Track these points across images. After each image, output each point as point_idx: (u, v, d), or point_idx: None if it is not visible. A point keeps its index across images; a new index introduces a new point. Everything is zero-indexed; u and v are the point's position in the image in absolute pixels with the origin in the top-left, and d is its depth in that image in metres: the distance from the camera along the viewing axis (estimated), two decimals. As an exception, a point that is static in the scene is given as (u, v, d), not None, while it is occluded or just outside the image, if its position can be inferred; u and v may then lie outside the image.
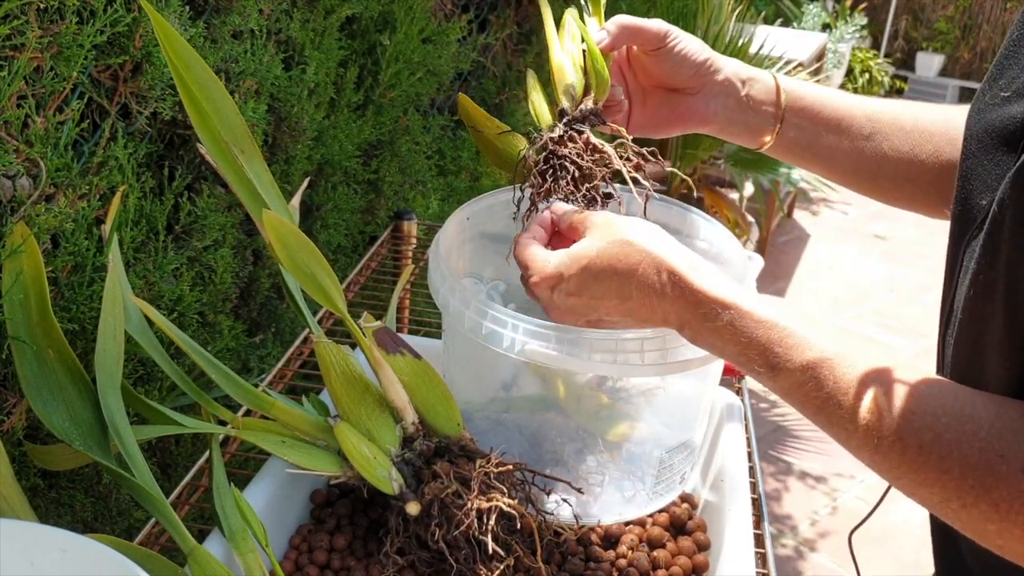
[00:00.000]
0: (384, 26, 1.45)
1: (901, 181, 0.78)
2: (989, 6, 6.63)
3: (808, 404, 0.56)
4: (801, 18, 5.67)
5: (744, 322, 0.58)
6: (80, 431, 0.74)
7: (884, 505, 0.75)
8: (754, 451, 0.94)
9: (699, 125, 0.81)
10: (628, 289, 0.63)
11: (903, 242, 4.36)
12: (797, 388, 0.56)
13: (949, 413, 0.51)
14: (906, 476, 0.52)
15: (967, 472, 0.49)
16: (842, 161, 0.80)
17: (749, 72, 0.80)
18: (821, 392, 0.55)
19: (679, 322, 0.62)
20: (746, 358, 0.58)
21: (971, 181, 0.57)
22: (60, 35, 0.80)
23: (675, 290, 0.61)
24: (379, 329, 0.78)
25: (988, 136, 0.55)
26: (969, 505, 0.49)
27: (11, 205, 0.79)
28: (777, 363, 0.56)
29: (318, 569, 0.79)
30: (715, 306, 0.59)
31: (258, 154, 0.79)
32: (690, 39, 0.77)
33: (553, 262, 0.66)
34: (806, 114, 0.79)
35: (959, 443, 0.49)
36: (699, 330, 0.61)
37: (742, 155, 3.26)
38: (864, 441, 0.53)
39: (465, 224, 0.90)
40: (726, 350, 0.60)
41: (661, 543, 0.83)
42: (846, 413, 0.53)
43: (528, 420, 0.83)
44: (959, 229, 0.59)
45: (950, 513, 0.51)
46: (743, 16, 3.11)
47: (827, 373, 0.55)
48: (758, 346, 0.57)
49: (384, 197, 1.58)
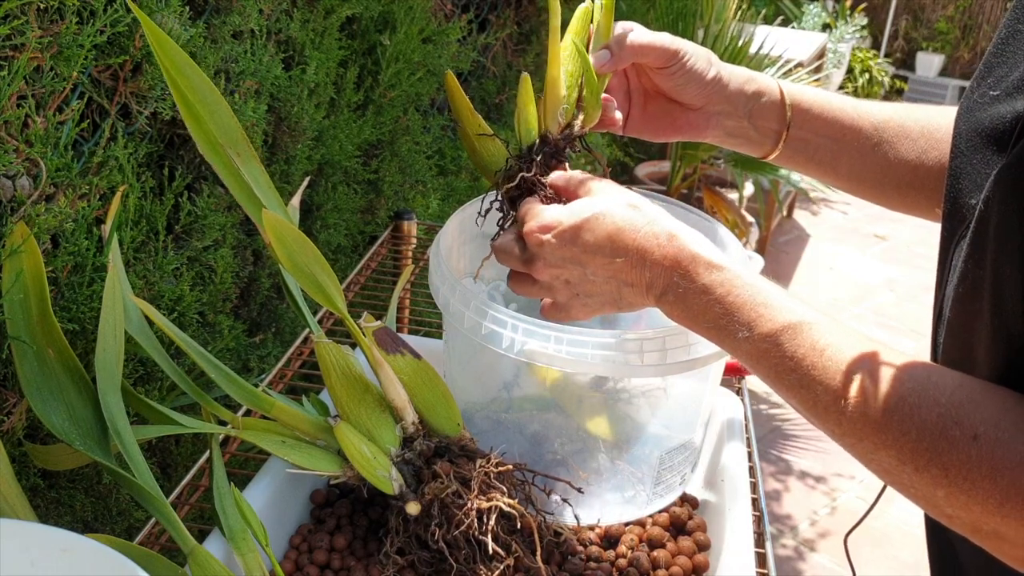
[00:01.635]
0: (384, 26, 1.45)
1: (906, 188, 0.78)
2: (989, 6, 6.63)
3: (781, 365, 0.57)
4: (801, 18, 5.67)
5: (734, 282, 0.60)
6: (80, 431, 0.74)
7: (884, 507, 0.76)
8: (754, 451, 0.94)
9: (697, 136, 0.80)
10: (624, 246, 0.64)
11: (903, 242, 4.36)
12: (774, 348, 0.57)
13: (915, 379, 0.52)
14: (868, 439, 0.53)
15: (923, 435, 0.50)
16: (846, 171, 0.80)
17: (756, 86, 0.78)
18: (796, 352, 0.56)
19: (664, 285, 0.63)
20: (727, 319, 0.60)
21: (960, 180, 0.57)
22: (60, 35, 0.80)
23: (672, 249, 0.62)
24: (379, 329, 0.78)
25: (977, 135, 0.55)
26: (921, 468, 0.50)
27: (11, 205, 0.79)
28: (759, 322, 0.58)
29: (318, 569, 0.79)
30: (710, 267, 0.61)
31: (255, 156, 0.79)
32: (699, 57, 0.76)
33: (552, 211, 0.67)
34: (811, 127, 0.79)
35: (919, 407, 0.51)
36: (686, 291, 0.62)
37: (741, 156, 3.26)
38: (832, 402, 0.54)
39: (466, 224, 0.90)
40: (709, 311, 0.61)
41: (661, 543, 0.83)
42: (818, 375, 0.55)
43: (529, 420, 0.83)
44: (949, 228, 0.59)
45: (904, 478, 0.52)
46: (743, 16, 3.11)
47: (805, 335, 0.56)
48: (744, 304, 0.59)
49: (384, 197, 1.58)
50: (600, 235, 0.64)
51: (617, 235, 0.64)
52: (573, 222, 0.65)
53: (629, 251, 0.64)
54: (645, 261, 0.63)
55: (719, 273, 0.61)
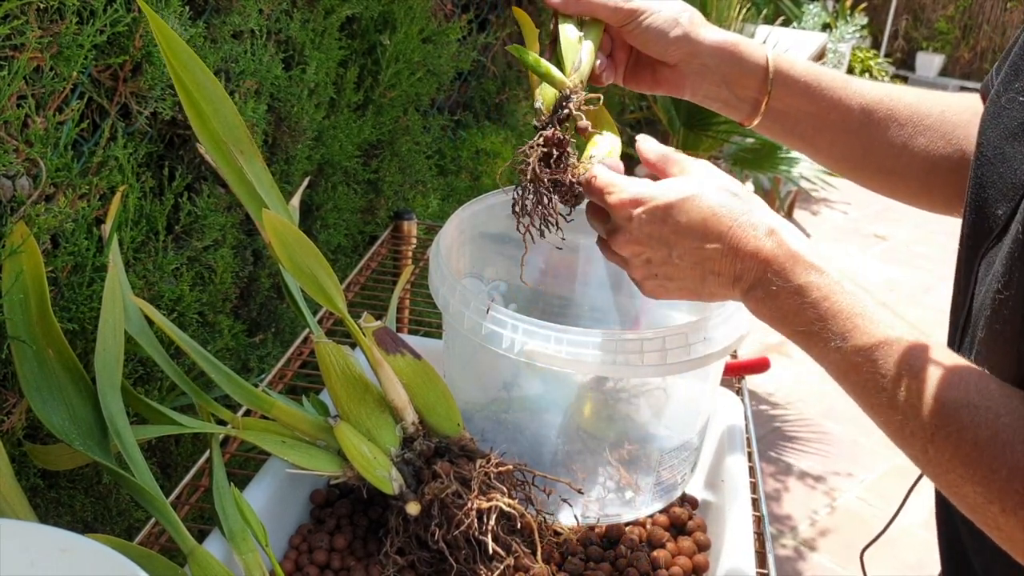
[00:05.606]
0: (384, 26, 1.45)
1: (887, 173, 0.77)
2: (989, 6, 6.63)
3: (871, 382, 0.54)
4: (801, 18, 5.67)
5: (834, 287, 0.57)
6: (80, 431, 0.74)
7: (886, 508, 0.75)
8: (754, 451, 0.94)
9: (676, 92, 0.78)
10: (717, 233, 0.60)
11: (903, 242, 4.36)
12: (867, 363, 0.54)
13: (1011, 413, 0.49)
14: (955, 471, 0.50)
15: (1015, 476, 0.48)
16: (826, 148, 0.78)
17: (737, 51, 0.75)
18: (890, 371, 0.53)
19: (755, 279, 0.59)
20: (821, 324, 0.56)
21: (986, 190, 0.56)
22: (60, 35, 0.80)
23: (771, 244, 0.59)
24: (379, 329, 0.78)
25: (1005, 141, 0.54)
26: (1009, 511, 0.48)
27: (11, 205, 0.79)
28: (855, 332, 0.55)
29: (318, 569, 0.79)
30: (810, 268, 0.58)
31: (258, 155, 0.79)
32: (661, 16, 0.73)
33: (645, 185, 0.63)
34: (794, 100, 0.76)
35: (1012, 444, 0.48)
36: (780, 289, 0.58)
37: (742, 154, 3.26)
38: (919, 429, 0.52)
39: (466, 224, 0.90)
40: (802, 314, 0.57)
41: (661, 543, 0.83)
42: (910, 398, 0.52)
43: (529, 420, 0.83)
44: (973, 238, 0.58)
45: (988, 518, 0.50)
46: (744, 16, 3.11)
47: (898, 354, 0.53)
48: (842, 313, 0.56)
49: (384, 197, 1.58)
50: (694, 217, 0.60)
51: (713, 220, 0.60)
52: (667, 200, 0.61)
53: (724, 238, 0.60)
54: (738, 252, 0.60)
55: (818, 276, 0.57)
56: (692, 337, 0.73)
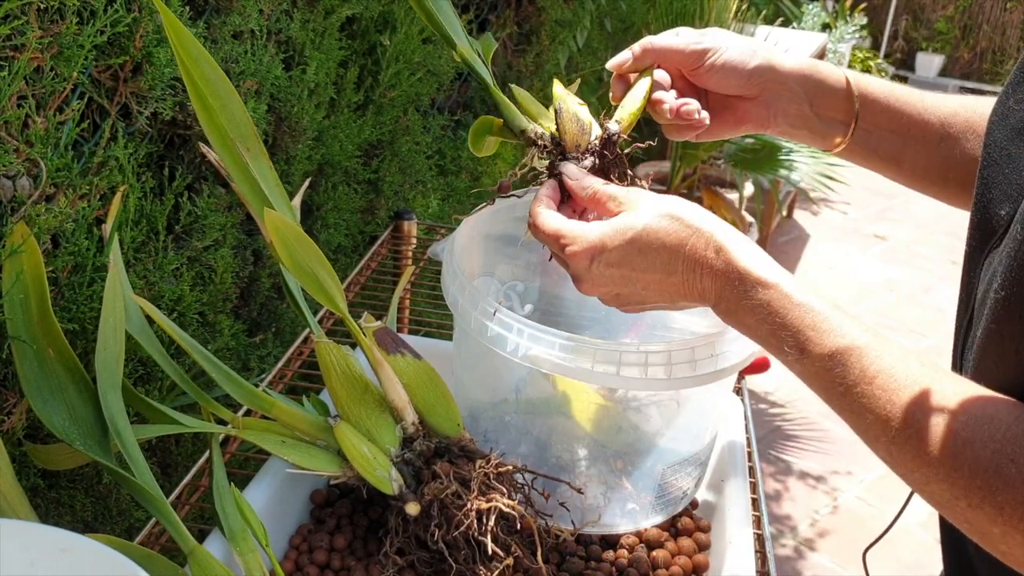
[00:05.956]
0: (384, 26, 1.45)
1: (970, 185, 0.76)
2: (989, 6, 6.62)
3: (832, 390, 0.56)
4: (801, 18, 5.67)
5: (782, 303, 0.58)
6: (80, 431, 0.74)
7: (886, 508, 0.75)
8: (754, 451, 0.94)
9: (762, 127, 0.77)
10: (675, 264, 0.62)
11: (903, 242, 4.36)
12: (824, 372, 0.56)
13: (968, 412, 0.50)
14: (919, 470, 0.51)
15: (976, 472, 0.48)
16: (909, 166, 0.77)
17: (816, 73, 0.75)
18: (846, 379, 0.54)
19: (716, 297, 0.61)
20: (777, 339, 0.58)
21: (991, 190, 0.56)
22: (60, 35, 0.80)
23: (721, 265, 0.60)
24: (379, 329, 0.78)
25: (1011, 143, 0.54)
26: (975, 506, 0.49)
27: (11, 205, 0.79)
28: (808, 346, 0.56)
29: (318, 569, 0.79)
30: (757, 285, 0.59)
31: (263, 152, 0.79)
32: (735, 49, 0.73)
33: (595, 232, 0.64)
34: (877, 119, 0.76)
35: (973, 442, 0.49)
36: (736, 307, 0.60)
37: (742, 155, 3.26)
38: (882, 432, 0.53)
39: (480, 225, 0.89)
40: (759, 329, 0.59)
41: (661, 543, 0.83)
42: (868, 403, 0.53)
43: (535, 423, 0.83)
44: (978, 239, 0.58)
45: (957, 513, 0.50)
46: (743, 16, 3.11)
47: (855, 361, 0.54)
48: (792, 328, 0.57)
49: (384, 197, 1.58)
50: (649, 254, 0.62)
51: (665, 251, 0.62)
52: (620, 242, 0.63)
53: (682, 267, 0.62)
54: (695, 274, 0.61)
55: (766, 292, 0.58)
56: (705, 351, 0.72)
